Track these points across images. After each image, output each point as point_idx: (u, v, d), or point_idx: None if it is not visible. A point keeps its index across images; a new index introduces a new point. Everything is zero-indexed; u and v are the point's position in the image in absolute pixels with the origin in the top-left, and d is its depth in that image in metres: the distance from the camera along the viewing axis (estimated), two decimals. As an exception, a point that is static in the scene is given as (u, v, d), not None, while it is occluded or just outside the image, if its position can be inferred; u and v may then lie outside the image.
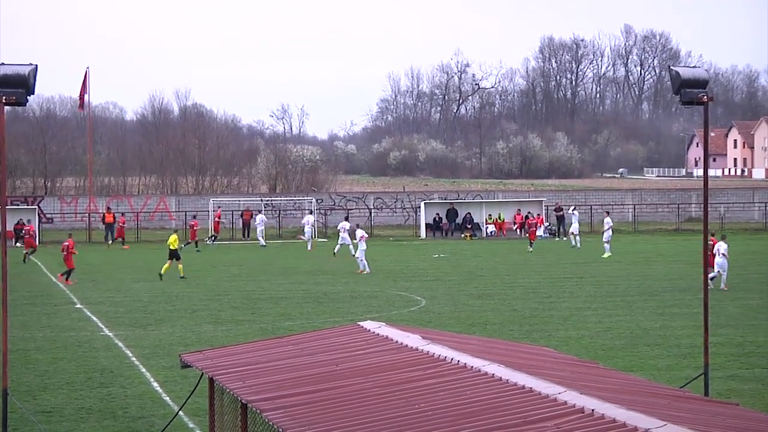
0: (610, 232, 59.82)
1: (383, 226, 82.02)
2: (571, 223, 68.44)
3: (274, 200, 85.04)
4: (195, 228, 68.51)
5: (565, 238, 73.31)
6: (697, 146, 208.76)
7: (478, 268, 53.13)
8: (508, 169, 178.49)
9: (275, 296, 42.52)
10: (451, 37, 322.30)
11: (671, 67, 21.43)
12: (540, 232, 76.35)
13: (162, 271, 48.81)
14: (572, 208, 72.15)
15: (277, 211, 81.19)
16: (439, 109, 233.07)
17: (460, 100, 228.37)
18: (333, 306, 39.38)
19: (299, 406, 12.34)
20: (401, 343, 15.14)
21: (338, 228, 61.89)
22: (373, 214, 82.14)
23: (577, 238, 66.70)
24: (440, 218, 78.85)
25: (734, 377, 25.56)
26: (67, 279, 47.58)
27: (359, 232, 52.53)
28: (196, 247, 66.62)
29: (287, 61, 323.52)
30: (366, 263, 51.16)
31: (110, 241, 71.33)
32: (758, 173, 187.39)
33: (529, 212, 77.89)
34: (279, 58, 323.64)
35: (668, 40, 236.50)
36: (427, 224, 78.80)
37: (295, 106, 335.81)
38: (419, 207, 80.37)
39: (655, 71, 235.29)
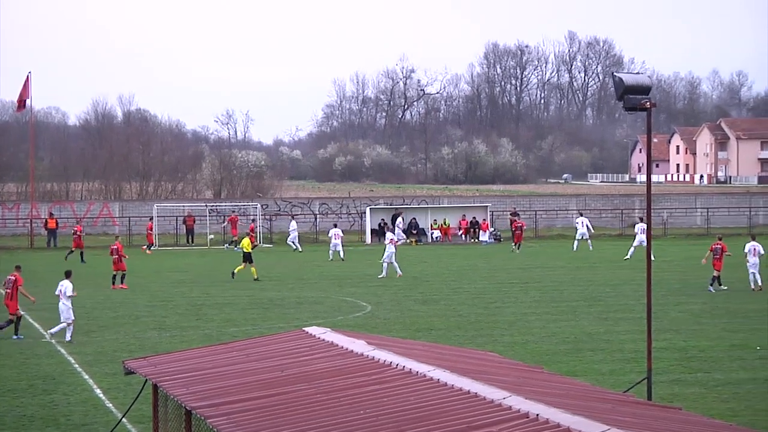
0: (643, 236, 60.27)
1: (328, 231, 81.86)
2: (577, 228, 68.88)
3: (219, 206, 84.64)
4: (253, 233, 68.39)
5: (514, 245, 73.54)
6: (641, 152, 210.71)
7: (423, 274, 53.18)
8: (453, 175, 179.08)
9: (220, 302, 42.33)
10: (396, 43, 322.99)
11: (614, 74, 21.59)
12: (485, 237, 76.57)
13: (253, 274, 50.52)
14: (578, 214, 72.71)
15: (222, 217, 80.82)
16: (384, 114, 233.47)
17: (406, 106, 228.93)
18: (278, 312, 39.27)
19: (244, 412, 12.29)
20: (347, 349, 15.12)
21: (329, 234, 64.57)
22: (318, 220, 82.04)
23: (577, 242, 67.21)
24: (386, 223, 78.82)
25: (677, 381, 25.76)
26: (122, 283, 47.56)
27: (389, 235, 52.74)
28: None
29: (232, 66, 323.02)
30: (386, 267, 51.36)
31: (144, 247, 70.28)
32: (700, 179, 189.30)
33: (515, 216, 78.25)
34: (223, 63, 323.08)
35: (611, 47, 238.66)
36: (372, 230, 78.77)
37: (240, 111, 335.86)
38: (365, 212, 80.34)
39: (598, 77, 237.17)
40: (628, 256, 59.23)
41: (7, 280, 34.56)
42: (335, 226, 67.01)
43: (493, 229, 78.35)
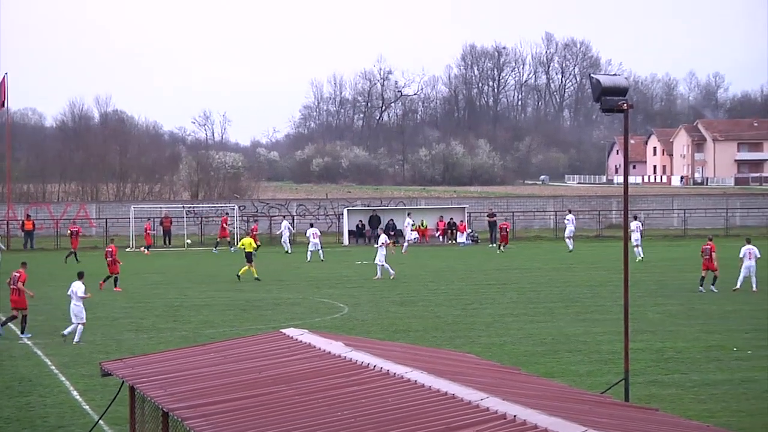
0: (638, 234, 60.15)
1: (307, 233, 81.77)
2: (566, 227, 69.35)
3: (196, 207, 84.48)
4: (255, 232, 68.54)
5: (491, 245, 73.51)
6: (618, 153, 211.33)
7: (401, 275, 53.16)
8: (430, 176, 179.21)
9: (197, 304, 42.24)
10: (374, 44, 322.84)
11: (592, 75, 21.64)
12: (462, 238, 76.63)
13: (253, 273, 51.02)
14: (568, 212, 72.94)
15: (199, 219, 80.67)
16: (361, 115, 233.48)
17: (383, 107, 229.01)
18: (256, 313, 39.22)
19: (221, 413, 12.26)
20: (324, 350, 15.11)
21: (307, 234, 65.33)
22: (295, 221, 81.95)
23: (570, 240, 67.48)
24: (363, 225, 78.83)
25: (654, 383, 25.84)
26: (115, 286, 47.57)
27: (383, 238, 52.70)
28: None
29: (209, 67, 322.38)
30: (388, 267, 51.26)
31: (146, 249, 70.18)
32: (677, 180, 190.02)
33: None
34: (200, 64, 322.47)
35: (588, 48, 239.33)
36: (350, 231, 78.77)
37: (217, 112, 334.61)
38: (342, 214, 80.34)
39: (575, 79, 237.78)
40: (641, 257, 59.15)
41: (12, 277, 35.15)
42: (312, 225, 67.10)
43: (470, 230, 78.42)
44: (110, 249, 48.45)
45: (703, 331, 33.77)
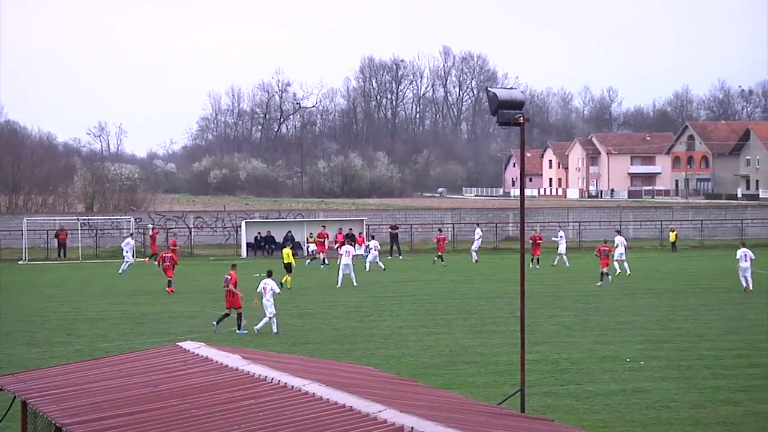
0: (622, 249, 58.38)
1: (204, 245, 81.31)
2: (559, 244, 67.02)
3: (91, 219, 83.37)
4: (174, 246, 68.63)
5: (400, 257, 73.57)
6: (514, 166, 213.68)
7: (299, 288, 53.04)
8: (329, 188, 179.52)
9: (92, 317, 41.68)
10: (272, 56, 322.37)
11: (488, 89, 21.82)
12: (360, 251, 76.63)
13: (287, 284, 51.54)
14: (559, 230, 71.09)
15: (95, 231, 79.64)
16: (260, 128, 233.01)
17: (281, 119, 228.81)
18: (152, 327, 38.82)
19: (116, 428, 12.11)
20: (221, 364, 15.01)
21: (370, 246, 65.88)
22: (193, 234, 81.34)
23: (565, 257, 65.73)
24: (262, 237, 78.49)
25: (550, 394, 26.08)
26: (169, 287, 50.99)
27: (372, 243, 53.88)
28: None
29: (104, 77, 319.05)
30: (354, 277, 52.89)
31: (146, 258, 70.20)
32: (572, 193, 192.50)
33: (534, 230, 78.23)
34: (96, 74, 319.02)
35: (486, 62, 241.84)
36: (248, 243, 78.33)
37: (113, 123, 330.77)
38: (240, 226, 79.91)
39: (473, 92, 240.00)
40: (629, 272, 57.38)
41: (225, 279, 38.47)
42: (372, 238, 69.45)
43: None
44: (170, 255, 52.38)
45: (597, 342, 34.20)
